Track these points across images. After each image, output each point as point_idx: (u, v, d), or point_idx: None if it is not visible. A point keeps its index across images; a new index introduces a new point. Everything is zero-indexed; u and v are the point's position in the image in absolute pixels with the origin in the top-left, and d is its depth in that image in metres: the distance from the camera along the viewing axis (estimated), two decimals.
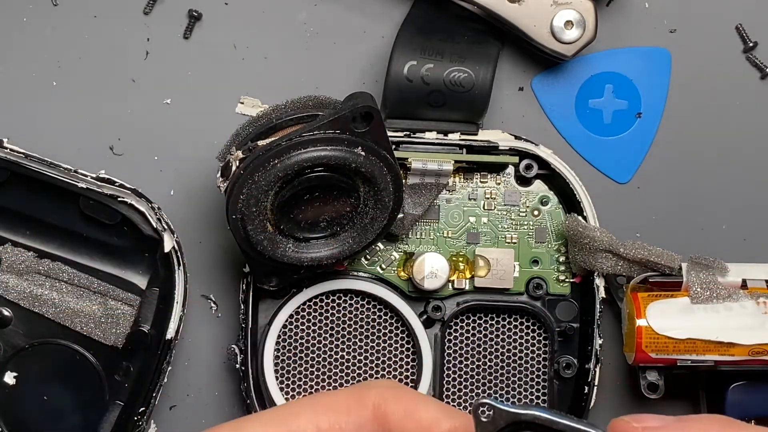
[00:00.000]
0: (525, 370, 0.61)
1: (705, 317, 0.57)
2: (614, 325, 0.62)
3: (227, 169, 0.55)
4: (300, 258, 0.56)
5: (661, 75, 0.63)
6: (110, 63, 0.63)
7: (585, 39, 0.60)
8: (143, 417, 0.59)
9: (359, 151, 0.54)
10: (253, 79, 0.63)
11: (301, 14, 0.63)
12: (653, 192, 0.63)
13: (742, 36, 0.63)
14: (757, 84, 0.63)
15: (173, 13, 0.63)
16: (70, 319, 0.59)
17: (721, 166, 0.63)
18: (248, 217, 0.54)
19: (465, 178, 0.61)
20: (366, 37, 0.63)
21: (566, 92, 0.63)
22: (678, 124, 0.63)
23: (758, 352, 0.57)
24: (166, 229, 0.59)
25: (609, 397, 0.63)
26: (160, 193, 0.62)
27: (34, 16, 0.63)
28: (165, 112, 0.63)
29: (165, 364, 0.59)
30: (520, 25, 0.60)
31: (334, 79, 0.63)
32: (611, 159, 0.63)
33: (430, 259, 0.60)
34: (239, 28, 0.63)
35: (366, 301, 0.61)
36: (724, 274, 0.58)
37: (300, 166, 0.53)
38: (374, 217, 0.56)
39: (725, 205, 0.63)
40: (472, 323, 0.61)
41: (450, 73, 0.59)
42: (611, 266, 0.59)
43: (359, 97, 0.54)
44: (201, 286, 0.63)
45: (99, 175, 0.59)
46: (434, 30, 0.60)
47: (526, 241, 0.61)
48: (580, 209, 0.60)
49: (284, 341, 0.61)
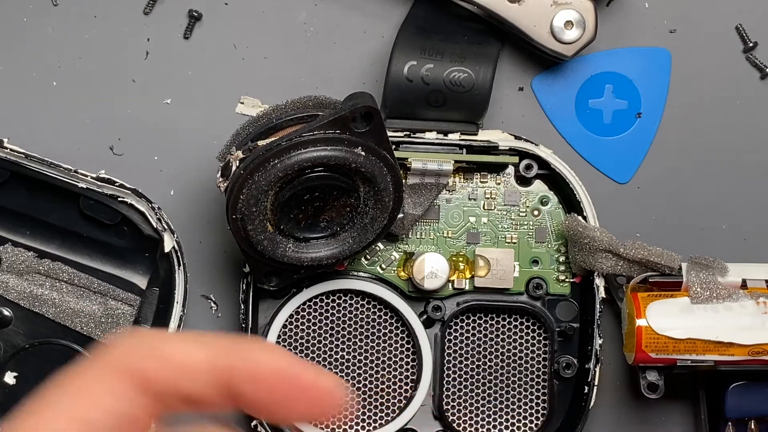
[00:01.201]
0: (525, 370, 0.61)
1: (705, 317, 0.57)
2: (614, 325, 0.62)
3: (227, 169, 0.55)
4: (300, 258, 0.56)
5: (661, 75, 0.63)
6: (110, 63, 0.63)
7: (585, 39, 0.60)
8: None
9: (359, 151, 0.54)
10: (253, 79, 0.63)
11: (301, 14, 0.63)
12: (653, 192, 0.63)
13: (742, 36, 0.63)
14: (757, 84, 0.63)
15: (173, 13, 0.63)
16: (70, 319, 0.59)
17: (721, 166, 0.63)
18: (248, 217, 0.54)
19: (465, 178, 0.61)
20: (366, 37, 0.63)
21: (566, 92, 0.63)
22: (678, 124, 0.63)
23: (758, 352, 0.57)
24: (166, 229, 0.59)
25: (609, 397, 0.63)
26: (160, 193, 0.62)
27: (34, 16, 0.63)
28: (165, 112, 0.63)
29: None
30: (520, 25, 0.60)
31: (334, 79, 0.63)
32: (611, 159, 0.63)
33: (430, 259, 0.60)
34: (239, 28, 0.63)
35: (366, 301, 0.61)
36: (724, 274, 0.58)
37: (300, 166, 0.53)
38: (374, 217, 0.56)
39: (725, 205, 0.63)
40: (472, 323, 0.61)
41: (450, 73, 0.59)
42: (611, 266, 0.59)
43: (359, 97, 0.54)
44: (201, 286, 0.63)
45: (99, 175, 0.59)
46: (434, 30, 0.60)
47: (526, 241, 0.61)
48: (580, 209, 0.60)
49: (284, 341, 0.61)
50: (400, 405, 0.61)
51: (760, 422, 0.60)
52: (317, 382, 0.38)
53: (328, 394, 0.38)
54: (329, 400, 0.38)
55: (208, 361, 0.39)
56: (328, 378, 0.38)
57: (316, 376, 0.38)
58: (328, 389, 0.38)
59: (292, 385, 0.38)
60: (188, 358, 0.39)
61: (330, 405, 0.38)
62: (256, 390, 0.38)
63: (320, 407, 0.38)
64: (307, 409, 0.38)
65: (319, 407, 0.38)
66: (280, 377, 0.38)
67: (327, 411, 0.38)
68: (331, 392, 0.38)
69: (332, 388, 0.38)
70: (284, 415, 0.38)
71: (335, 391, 0.38)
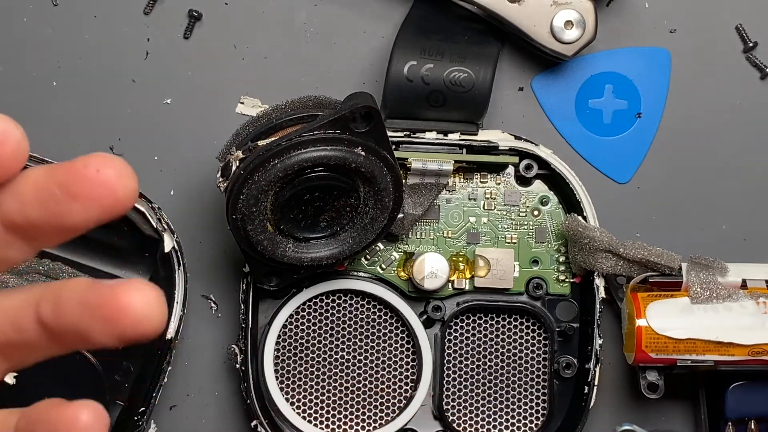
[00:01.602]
0: (525, 370, 0.61)
1: (705, 317, 0.57)
2: (614, 325, 0.62)
3: (227, 169, 0.55)
4: (300, 258, 0.56)
5: (661, 75, 0.63)
6: (110, 63, 0.63)
7: (585, 39, 0.60)
8: (143, 417, 0.59)
9: (359, 151, 0.54)
10: (253, 79, 0.63)
11: (301, 14, 0.63)
12: (653, 192, 0.63)
13: (742, 36, 0.63)
14: (757, 84, 0.63)
15: (173, 13, 0.63)
16: None
17: (721, 166, 0.63)
18: (248, 217, 0.54)
19: (465, 178, 0.61)
20: (366, 37, 0.63)
21: (566, 92, 0.63)
22: (678, 124, 0.63)
23: (758, 352, 0.57)
24: (166, 229, 0.59)
25: (609, 397, 0.63)
26: (160, 193, 0.62)
27: (34, 16, 0.63)
28: (165, 112, 0.63)
29: (165, 364, 0.59)
30: (520, 25, 0.60)
31: (334, 79, 0.63)
32: (611, 159, 0.63)
33: (430, 259, 0.60)
34: (239, 28, 0.63)
35: (366, 301, 0.61)
36: (724, 274, 0.58)
37: (300, 166, 0.53)
38: (374, 217, 0.56)
39: (725, 205, 0.63)
40: (472, 323, 0.61)
41: (450, 73, 0.59)
42: (611, 266, 0.59)
43: (359, 97, 0.54)
44: (201, 286, 0.63)
45: None
46: (434, 30, 0.60)
47: (526, 241, 0.61)
48: (580, 209, 0.60)
49: (284, 341, 0.61)
50: (400, 405, 0.61)
51: (760, 422, 0.60)
52: None
53: None
54: None
55: (24, 303, 0.38)
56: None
57: None
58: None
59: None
60: (10, 304, 0.38)
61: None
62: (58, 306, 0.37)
63: None
64: None
65: None
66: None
67: None
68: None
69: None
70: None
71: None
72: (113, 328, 0.36)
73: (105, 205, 0.36)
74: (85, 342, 0.37)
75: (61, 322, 0.37)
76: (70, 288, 0.37)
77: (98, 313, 0.36)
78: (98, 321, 0.36)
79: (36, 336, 0.38)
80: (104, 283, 0.36)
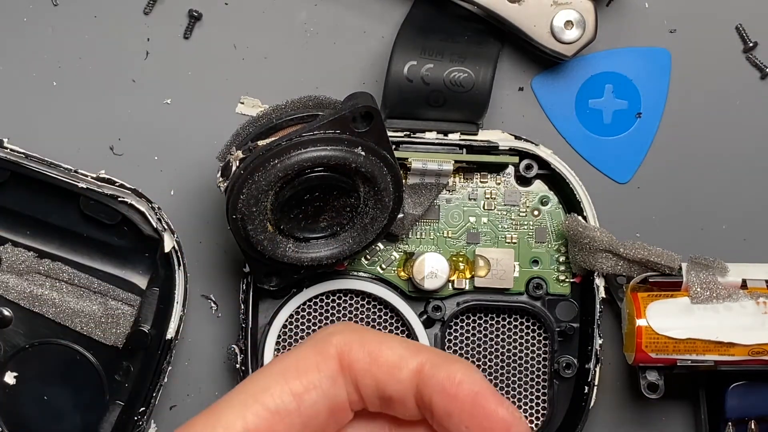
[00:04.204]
0: (525, 370, 0.61)
1: (705, 317, 0.57)
2: (614, 325, 0.62)
3: (227, 169, 0.55)
4: (300, 258, 0.56)
5: (661, 75, 0.63)
6: (110, 63, 0.63)
7: (585, 39, 0.60)
8: (143, 417, 0.59)
9: (359, 151, 0.54)
10: (253, 79, 0.63)
11: (301, 14, 0.63)
12: (653, 192, 0.63)
13: (742, 36, 0.63)
14: (757, 84, 0.63)
15: (173, 13, 0.63)
16: (70, 319, 0.60)
17: (721, 166, 0.63)
18: (248, 217, 0.54)
19: (465, 178, 0.61)
20: (366, 37, 0.63)
21: (566, 92, 0.63)
22: (678, 124, 0.63)
23: (758, 352, 0.57)
24: (166, 229, 0.59)
25: (609, 397, 0.63)
26: (160, 193, 0.62)
27: (34, 16, 0.63)
28: (165, 112, 0.63)
29: (165, 364, 0.59)
30: (520, 25, 0.60)
31: (334, 79, 0.63)
32: (611, 159, 0.63)
33: (430, 259, 0.60)
34: (239, 28, 0.63)
35: (366, 301, 0.61)
36: (724, 274, 0.58)
37: (300, 166, 0.53)
38: (374, 217, 0.56)
39: (725, 205, 0.63)
40: (472, 323, 0.61)
41: (450, 73, 0.59)
42: (611, 266, 0.59)
43: (359, 97, 0.54)
44: (201, 286, 0.63)
45: (99, 175, 0.59)
46: (434, 30, 0.60)
47: (526, 241, 0.61)
48: (580, 209, 0.60)
49: (284, 341, 0.61)
50: None
51: (760, 422, 0.60)
52: (497, 412, 0.41)
53: (503, 424, 0.41)
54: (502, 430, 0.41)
55: (417, 367, 0.42)
56: (509, 409, 0.41)
57: (497, 406, 0.41)
58: (505, 421, 0.41)
59: (476, 407, 0.41)
60: (400, 360, 0.42)
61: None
62: (446, 403, 0.41)
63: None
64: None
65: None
66: (470, 397, 0.41)
67: None
68: (507, 423, 0.41)
69: (509, 421, 0.41)
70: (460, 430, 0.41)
71: (512, 424, 0.41)
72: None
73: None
74: (447, 428, 0.42)
75: (440, 410, 0.42)
76: (462, 387, 0.42)
77: (475, 422, 0.42)
78: (472, 423, 0.42)
79: (407, 398, 0.43)
80: (491, 395, 0.42)
